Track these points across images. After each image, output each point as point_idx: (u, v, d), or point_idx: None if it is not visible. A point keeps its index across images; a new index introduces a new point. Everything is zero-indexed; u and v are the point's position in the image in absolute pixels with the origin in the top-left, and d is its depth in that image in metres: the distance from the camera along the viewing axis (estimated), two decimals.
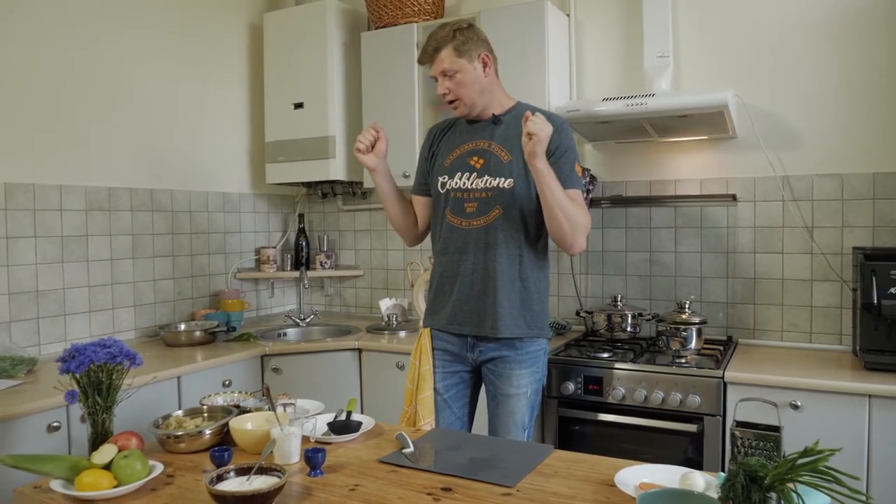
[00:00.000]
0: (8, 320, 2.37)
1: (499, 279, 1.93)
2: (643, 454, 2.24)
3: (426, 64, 1.97)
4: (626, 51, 2.84)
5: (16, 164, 2.41)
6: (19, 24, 2.42)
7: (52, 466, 1.36)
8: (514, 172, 1.92)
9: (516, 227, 1.93)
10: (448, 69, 1.91)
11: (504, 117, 1.99)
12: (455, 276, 1.98)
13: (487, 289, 1.94)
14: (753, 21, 2.62)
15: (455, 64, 1.90)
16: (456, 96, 1.94)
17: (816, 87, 2.53)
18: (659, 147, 2.81)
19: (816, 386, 2.05)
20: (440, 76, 1.93)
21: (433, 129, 2.15)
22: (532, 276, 1.96)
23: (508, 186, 1.92)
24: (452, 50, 1.90)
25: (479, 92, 1.95)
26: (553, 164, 1.84)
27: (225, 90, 3.28)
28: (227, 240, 3.30)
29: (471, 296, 1.96)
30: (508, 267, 1.94)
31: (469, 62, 1.91)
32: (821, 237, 2.55)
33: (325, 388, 2.74)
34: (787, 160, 2.58)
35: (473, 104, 1.96)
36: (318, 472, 1.43)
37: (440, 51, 1.91)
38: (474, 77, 1.92)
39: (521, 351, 1.95)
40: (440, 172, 2.02)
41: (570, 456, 1.53)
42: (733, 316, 2.70)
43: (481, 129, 2.01)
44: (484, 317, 1.95)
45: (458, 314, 1.98)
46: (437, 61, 1.92)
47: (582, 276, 2.99)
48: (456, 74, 1.91)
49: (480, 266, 1.95)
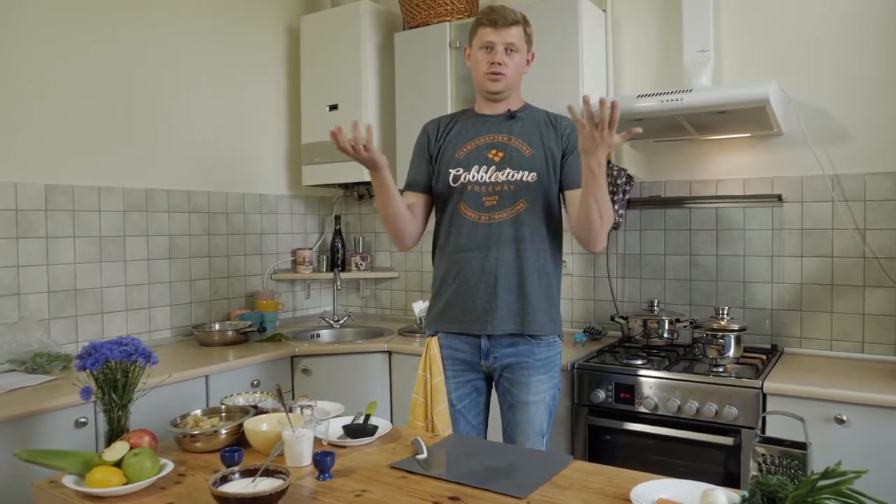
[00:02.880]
0: (48, 317, 2.45)
1: (528, 274, 1.89)
2: (678, 467, 2.14)
3: (498, 27, 1.90)
4: (666, 46, 2.74)
5: (56, 166, 2.48)
6: (60, 29, 2.49)
7: (65, 462, 1.38)
8: (538, 167, 1.91)
9: (540, 222, 1.90)
10: (514, 44, 1.91)
11: (520, 114, 1.98)
12: (478, 273, 1.91)
13: (517, 284, 1.89)
14: (798, 12, 2.48)
15: (521, 43, 1.93)
16: (506, 70, 1.92)
17: (868, 78, 2.37)
18: (699, 145, 2.70)
19: (865, 399, 1.91)
20: (502, 46, 1.90)
21: (433, 122, 2.09)
22: (553, 273, 1.95)
23: (532, 180, 1.89)
24: (524, 31, 1.94)
25: (518, 80, 1.98)
26: (569, 162, 1.89)
27: (262, 93, 3.32)
28: (264, 241, 3.34)
29: (497, 292, 1.89)
30: (535, 262, 1.90)
31: (527, 51, 1.97)
32: (874, 240, 2.39)
33: (354, 391, 2.73)
34: (836, 158, 2.44)
35: (510, 86, 1.95)
36: (327, 476, 1.41)
37: (516, 25, 1.92)
38: (522, 64, 1.96)
39: (538, 356, 1.90)
40: (452, 165, 1.96)
41: (588, 467, 1.46)
42: (779, 323, 2.56)
43: (496, 123, 1.97)
44: (513, 313, 1.89)
45: (481, 313, 1.90)
46: (509, 33, 1.91)
47: (618, 279, 2.89)
48: (515, 54, 1.92)
49: (507, 261, 1.89)
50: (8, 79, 2.35)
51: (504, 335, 1.91)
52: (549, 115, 1.99)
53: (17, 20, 2.37)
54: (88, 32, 2.58)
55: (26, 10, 2.39)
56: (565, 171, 1.93)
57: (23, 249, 2.39)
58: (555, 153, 1.92)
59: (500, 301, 1.89)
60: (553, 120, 1.97)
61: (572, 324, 2.98)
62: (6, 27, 2.34)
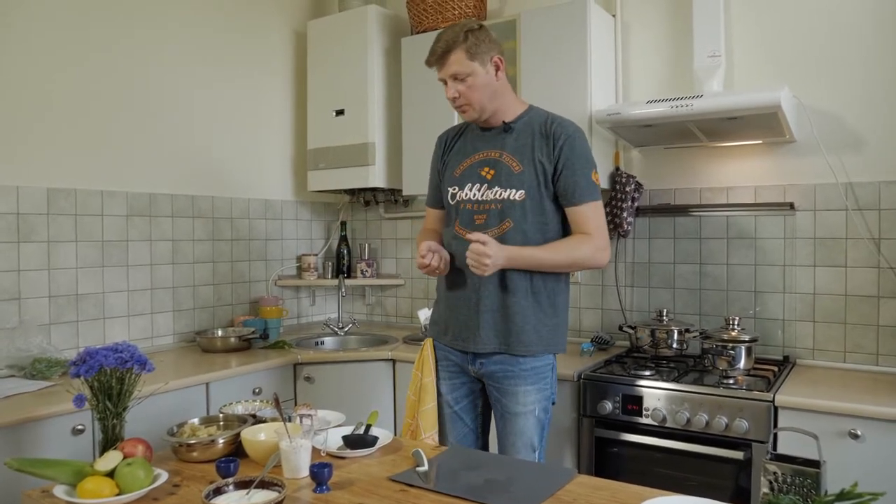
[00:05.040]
0: (48, 322, 2.43)
1: (514, 294, 1.85)
2: (686, 482, 2.09)
3: (434, 67, 1.87)
4: (677, 51, 2.70)
5: (58, 169, 2.47)
6: (64, 33, 2.48)
7: (56, 471, 1.34)
8: (526, 184, 1.84)
9: (527, 241, 1.84)
10: (459, 72, 1.81)
11: (515, 124, 1.91)
12: (463, 291, 1.91)
13: (500, 304, 1.86)
14: (811, 16, 2.44)
15: (466, 67, 1.81)
16: (466, 101, 1.84)
17: (882, 84, 2.32)
18: (710, 152, 2.65)
19: (881, 414, 1.85)
20: (450, 80, 1.84)
21: (443, 136, 2.08)
22: (544, 290, 1.87)
23: (519, 199, 1.84)
24: (464, 52, 1.81)
25: (491, 96, 1.86)
26: (562, 179, 1.83)
27: (268, 97, 3.30)
28: (269, 247, 3.31)
29: (478, 310, 1.88)
30: (520, 281, 1.85)
31: (482, 65, 1.83)
32: (889, 250, 2.33)
33: (358, 399, 2.70)
34: (850, 165, 2.38)
35: (483, 109, 1.87)
36: (324, 489, 1.37)
37: (450, 53, 1.81)
38: (486, 81, 1.84)
39: (524, 366, 1.86)
40: (450, 183, 1.97)
41: (592, 482, 1.42)
42: (791, 334, 2.50)
43: (492, 137, 1.93)
44: (497, 333, 1.87)
45: (464, 330, 1.91)
46: (447, 64, 1.82)
47: (627, 288, 2.84)
48: (467, 78, 1.82)
49: (492, 280, 1.85)
50: (11, 82, 2.33)
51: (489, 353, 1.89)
52: (547, 122, 1.88)
53: (20, 24, 2.36)
54: (92, 36, 2.57)
55: (30, 15, 2.39)
56: (558, 188, 1.86)
57: (24, 253, 2.37)
58: (546, 167, 1.84)
59: (483, 320, 1.87)
60: (548, 128, 1.86)
61: (580, 333, 2.93)
62: (9, 31, 2.33)
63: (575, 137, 1.84)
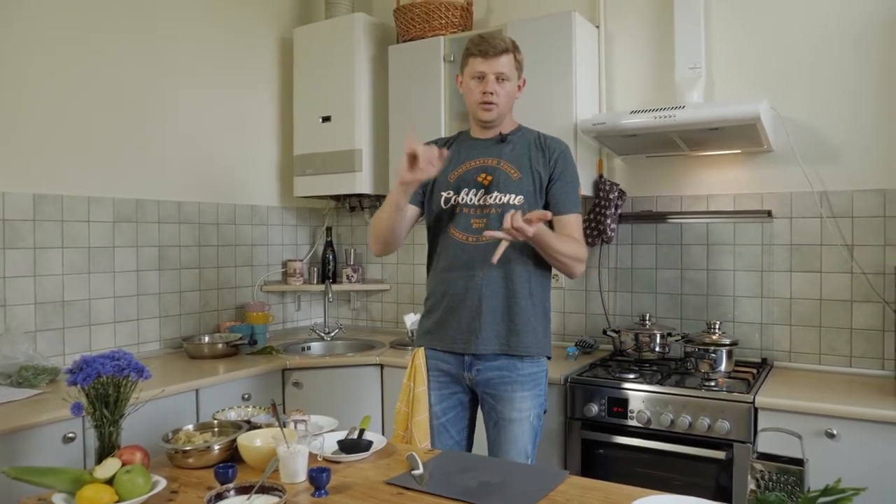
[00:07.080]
0: (34, 330, 2.41)
1: (517, 295, 1.91)
2: (672, 481, 2.14)
3: (488, 58, 1.91)
4: (658, 62, 2.77)
5: (45, 175, 2.46)
6: (52, 40, 2.47)
7: (54, 479, 1.35)
8: (524, 190, 1.93)
9: (524, 245, 1.89)
10: (504, 73, 1.93)
11: (511, 137, 2.01)
12: (463, 294, 1.94)
13: (503, 306, 1.92)
14: (790, 30, 2.52)
15: (511, 72, 1.95)
16: (497, 100, 1.94)
17: (856, 97, 2.41)
18: (691, 161, 2.72)
19: (854, 414, 1.92)
20: (493, 76, 1.92)
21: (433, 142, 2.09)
22: (539, 293, 1.96)
23: (519, 203, 1.92)
24: (514, 59, 1.95)
25: (510, 107, 2.00)
26: (555, 188, 1.93)
27: (255, 104, 3.31)
28: (255, 252, 3.32)
29: (480, 311, 1.91)
30: (520, 283, 1.92)
31: (518, 77, 1.99)
32: (861, 256, 2.42)
33: (346, 404, 2.71)
34: (825, 175, 2.47)
35: (502, 114, 1.98)
36: (322, 493, 1.39)
37: (506, 54, 1.93)
38: (514, 92, 1.99)
39: (521, 371, 1.90)
40: (443, 188, 2.00)
41: (584, 483, 1.46)
42: (768, 337, 2.58)
43: (488, 146, 2.01)
44: (498, 334, 1.91)
45: (464, 332, 1.93)
46: (499, 62, 1.92)
47: (610, 293, 2.90)
48: (505, 82, 1.94)
49: (495, 282, 1.91)
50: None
51: (489, 354, 1.92)
52: (539, 138, 2.01)
53: (9, 29, 2.35)
54: (80, 43, 2.56)
55: (19, 20, 2.37)
56: (549, 196, 1.96)
57: (10, 260, 2.35)
58: (542, 176, 1.95)
59: (484, 321, 1.91)
60: (543, 143, 1.99)
61: (564, 337, 2.99)
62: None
63: (567, 153, 1.99)
